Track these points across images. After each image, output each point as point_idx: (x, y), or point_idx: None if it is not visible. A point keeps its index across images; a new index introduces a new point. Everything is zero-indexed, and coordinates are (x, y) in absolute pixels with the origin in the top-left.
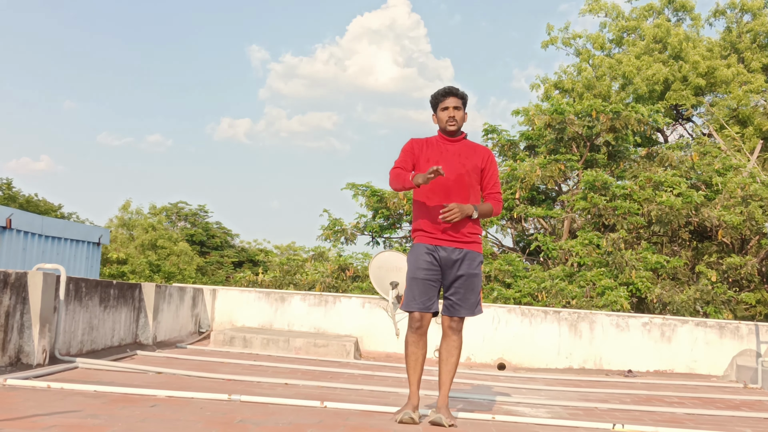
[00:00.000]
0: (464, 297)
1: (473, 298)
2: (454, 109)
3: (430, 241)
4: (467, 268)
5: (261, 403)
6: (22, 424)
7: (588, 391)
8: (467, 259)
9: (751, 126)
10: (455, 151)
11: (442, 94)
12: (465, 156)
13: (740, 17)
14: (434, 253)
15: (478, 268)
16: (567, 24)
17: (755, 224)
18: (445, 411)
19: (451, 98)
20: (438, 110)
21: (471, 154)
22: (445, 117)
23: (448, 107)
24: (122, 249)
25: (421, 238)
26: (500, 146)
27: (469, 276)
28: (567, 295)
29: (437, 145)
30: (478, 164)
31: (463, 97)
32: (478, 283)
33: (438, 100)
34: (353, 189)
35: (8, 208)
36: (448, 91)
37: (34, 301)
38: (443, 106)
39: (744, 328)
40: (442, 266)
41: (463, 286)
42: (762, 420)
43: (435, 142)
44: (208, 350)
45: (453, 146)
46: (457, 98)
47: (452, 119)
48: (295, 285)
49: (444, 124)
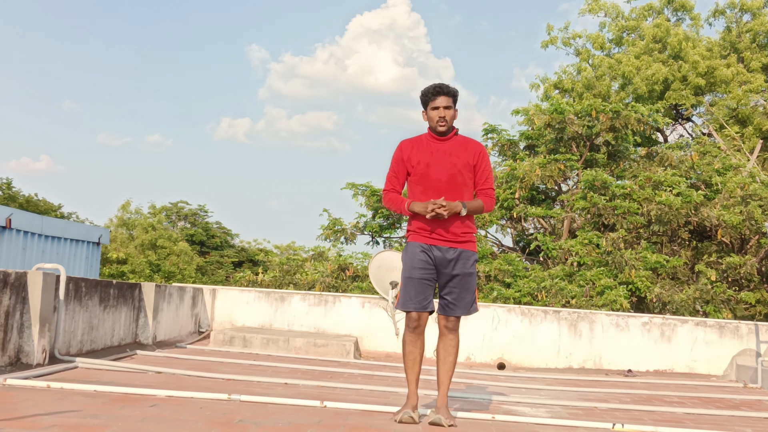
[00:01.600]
0: (459, 296)
1: (469, 297)
2: (444, 109)
3: (424, 240)
4: (462, 267)
5: (261, 402)
6: (22, 424)
7: (588, 391)
8: (462, 259)
9: (751, 126)
10: (446, 149)
11: (432, 93)
12: (456, 155)
13: (740, 17)
14: (429, 252)
15: (472, 267)
16: (567, 24)
17: (755, 224)
18: (444, 411)
19: (441, 97)
20: (428, 109)
21: (462, 152)
22: (436, 117)
23: (439, 107)
24: (122, 249)
25: (416, 237)
26: (500, 146)
27: (464, 275)
28: (567, 294)
29: (427, 145)
30: (469, 161)
31: (453, 94)
32: (473, 282)
33: (428, 99)
34: (353, 189)
35: (8, 208)
36: (438, 90)
37: (34, 300)
38: (433, 105)
39: (744, 327)
40: (436, 266)
41: (458, 286)
42: (762, 420)
43: (425, 141)
44: (207, 350)
45: (443, 145)
46: (447, 97)
47: (442, 119)
48: (295, 285)
49: (434, 124)
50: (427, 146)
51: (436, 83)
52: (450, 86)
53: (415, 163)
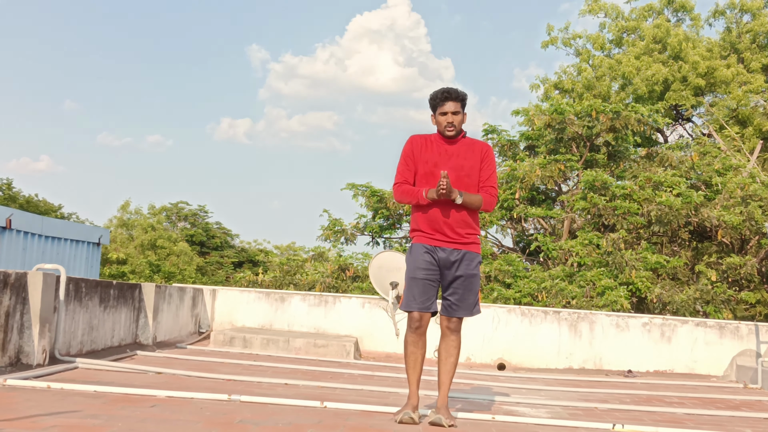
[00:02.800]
0: (463, 297)
1: (472, 299)
2: (452, 115)
3: (428, 241)
4: (466, 268)
5: (261, 403)
6: (22, 424)
7: (588, 391)
8: (466, 260)
9: (751, 126)
10: (454, 152)
11: (441, 99)
12: (463, 157)
13: (740, 17)
14: (433, 253)
15: (476, 268)
16: (567, 24)
17: (755, 224)
18: (444, 411)
19: (449, 103)
20: (437, 113)
21: (469, 154)
22: (444, 122)
23: (447, 112)
24: (122, 249)
25: (420, 238)
26: (500, 146)
27: (467, 277)
28: (567, 295)
29: (437, 146)
30: (476, 164)
31: (462, 99)
32: (477, 283)
33: (436, 103)
34: (353, 189)
35: (8, 209)
36: (447, 95)
37: (34, 301)
38: (442, 110)
39: (744, 328)
40: (440, 267)
41: (462, 287)
42: (762, 420)
43: (434, 141)
44: (208, 350)
45: (452, 147)
46: (456, 102)
47: (450, 125)
48: (295, 285)
49: (442, 128)
50: (436, 147)
51: (445, 87)
52: (459, 90)
53: (423, 162)
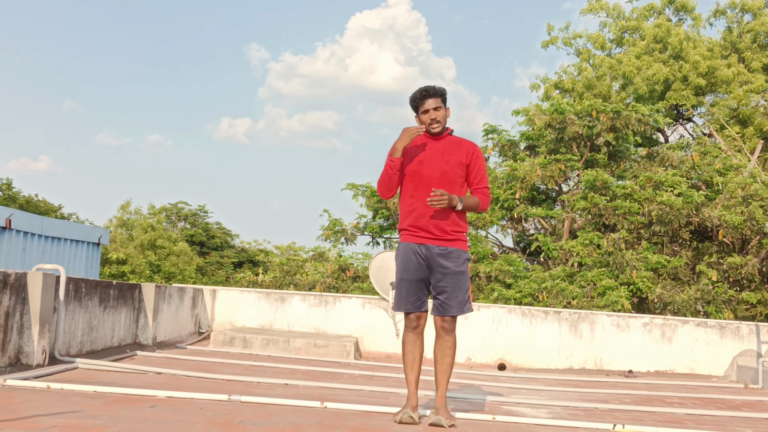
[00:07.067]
0: (452, 295)
1: (461, 296)
2: (434, 111)
3: (414, 239)
4: (452, 265)
5: (261, 403)
6: (22, 424)
7: (588, 392)
8: (453, 256)
9: (752, 126)
10: (439, 148)
11: (420, 98)
12: (449, 153)
13: (741, 17)
14: (419, 251)
15: (464, 265)
16: (567, 24)
17: (756, 224)
18: (443, 411)
19: (429, 100)
20: (419, 113)
21: (455, 151)
22: (428, 120)
23: (428, 109)
24: (122, 249)
25: (407, 237)
26: (500, 146)
27: (455, 273)
28: (567, 295)
29: (422, 143)
30: (462, 160)
31: (441, 94)
32: (465, 280)
33: (417, 104)
34: (353, 189)
35: (8, 209)
36: (426, 93)
37: (34, 301)
38: (423, 109)
39: (744, 328)
40: (428, 265)
41: (450, 284)
42: (762, 420)
43: (420, 139)
44: (208, 351)
45: (437, 144)
46: (435, 98)
47: (435, 121)
48: (295, 285)
49: (428, 126)
50: (421, 144)
51: (422, 87)
52: (436, 86)
53: (408, 160)
